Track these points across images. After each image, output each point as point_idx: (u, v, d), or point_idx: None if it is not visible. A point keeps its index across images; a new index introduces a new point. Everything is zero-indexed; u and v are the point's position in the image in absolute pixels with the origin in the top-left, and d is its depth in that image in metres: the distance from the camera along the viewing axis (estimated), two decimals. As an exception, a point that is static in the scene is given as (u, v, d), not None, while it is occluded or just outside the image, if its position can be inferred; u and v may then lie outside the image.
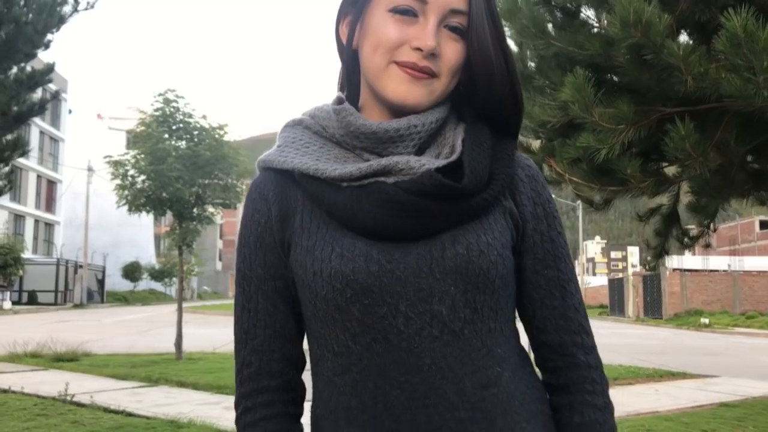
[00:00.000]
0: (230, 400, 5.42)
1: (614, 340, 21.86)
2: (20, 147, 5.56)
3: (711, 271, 41.85)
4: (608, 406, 1.04)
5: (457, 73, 1.00)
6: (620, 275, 49.64)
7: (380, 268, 0.94)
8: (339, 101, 1.04)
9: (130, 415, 6.62)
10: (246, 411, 1.01)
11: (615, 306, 46.90)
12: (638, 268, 54.42)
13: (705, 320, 30.61)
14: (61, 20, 4.98)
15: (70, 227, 55.27)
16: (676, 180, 5.07)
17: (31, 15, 4.76)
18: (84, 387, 8.01)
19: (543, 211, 1.05)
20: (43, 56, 5.98)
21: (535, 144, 5.45)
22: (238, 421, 1.03)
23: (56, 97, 5.53)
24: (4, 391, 7.86)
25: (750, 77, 2.96)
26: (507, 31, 4.37)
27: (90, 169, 45.21)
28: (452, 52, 0.99)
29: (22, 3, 4.73)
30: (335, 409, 0.96)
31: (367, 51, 1.00)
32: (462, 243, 0.95)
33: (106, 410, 6.79)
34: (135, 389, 8.49)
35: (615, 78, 4.17)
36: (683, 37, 4.15)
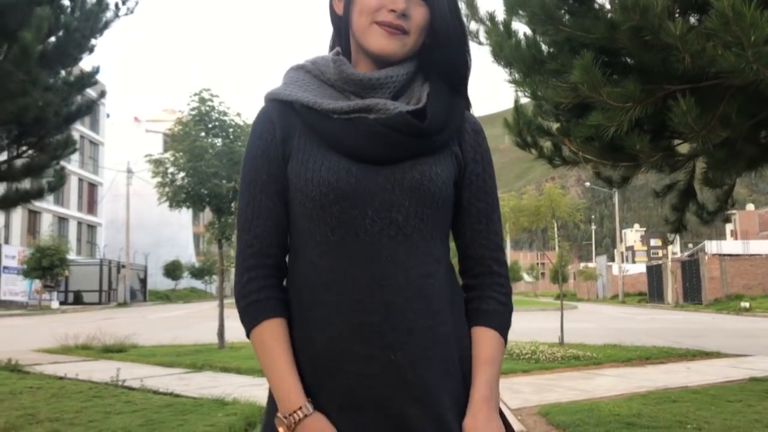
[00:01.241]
0: None
1: (651, 325, 21.82)
2: (70, 145, 5.97)
3: (752, 255, 41.23)
4: (508, 305, 1.38)
5: (423, 32, 1.31)
6: (659, 262, 49.07)
7: (357, 181, 1.26)
8: (337, 53, 1.36)
9: (177, 396, 6.98)
10: (250, 280, 1.31)
11: (654, 293, 46.47)
12: (678, 255, 53.84)
13: (745, 304, 30.26)
14: (105, 26, 5.37)
15: (112, 228, 56.56)
16: (690, 156, 5.27)
17: (78, 21, 5.17)
18: (133, 374, 8.40)
19: (481, 158, 1.39)
20: (85, 60, 6.39)
21: (554, 126, 5.67)
22: (245, 287, 1.32)
23: (102, 96, 5.93)
24: (60, 378, 8.32)
25: (740, 53, 3.18)
26: (520, 18, 4.63)
27: (129, 171, 46.25)
28: (418, 14, 1.30)
29: (70, 10, 5.14)
30: (315, 283, 1.28)
31: (355, 16, 1.31)
32: (418, 170, 1.28)
33: (156, 392, 7.16)
34: (181, 375, 8.91)
35: (622, 59, 4.40)
36: (692, 18, 4.36)
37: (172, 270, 57.55)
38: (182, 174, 11.48)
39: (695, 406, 6.39)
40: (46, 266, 32.10)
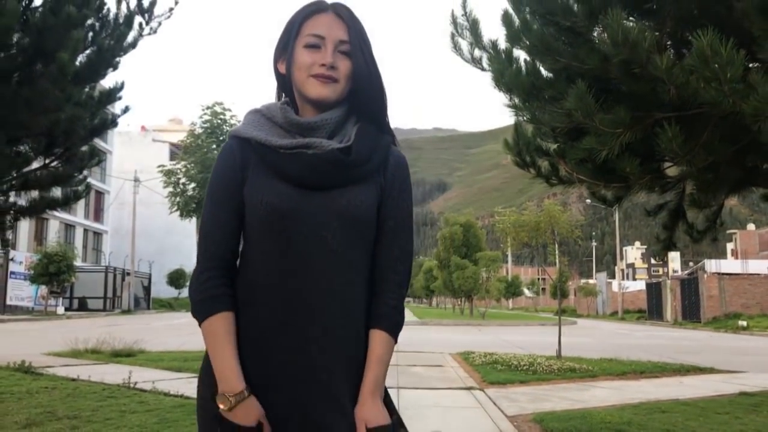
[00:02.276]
0: None
1: (649, 341, 22.02)
2: (95, 156, 6.30)
3: (751, 274, 41.42)
4: (398, 308, 1.66)
5: (349, 79, 1.63)
6: (659, 280, 49.23)
7: (295, 203, 1.56)
8: (285, 103, 1.71)
9: (188, 398, 7.25)
10: (208, 279, 1.60)
11: (653, 310, 46.59)
12: (679, 273, 53.97)
13: (743, 323, 30.46)
14: (132, 45, 5.72)
15: (117, 236, 56.91)
16: (678, 179, 5.59)
17: (108, 41, 5.52)
18: (144, 377, 8.66)
19: (398, 186, 1.69)
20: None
21: (552, 147, 5.99)
22: (202, 284, 1.60)
23: (126, 111, 6.28)
24: (73, 380, 8.59)
25: (718, 87, 3.51)
26: (519, 49, 4.97)
27: (137, 180, 46.65)
28: (344, 65, 1.62)
29: (99, 28, 5.49)
30: (255, 285, 1.60)
31: (295, 73, 1.63)
32: (345, 197, 1.59)
33: (167, 394, 7.43)
34: (190, 379, 9.16)
35: (614, 88, 4.73)
36: (680, 51, 4.69)
37: (176, 278, 57.78)
38: (193, 184, 11.82)
39: (684, 417, 6.67)
40: (53, 272, 32.40)
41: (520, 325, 33.31)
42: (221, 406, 1.52)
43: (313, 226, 1.57)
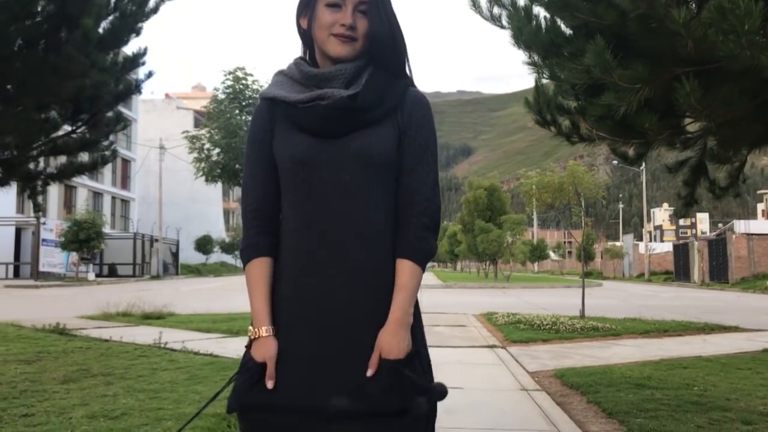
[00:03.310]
0: None
1: (675, 302, 21.96)
2: (120, 121, 6.43)
3: (780, 234, 40.91)
4: (424, 237, 1.73)
5: (367, 37, 1.74)
6: (687, 241, 48.83)
7: (314, 152, 1.70)
8: (300, 59, 1.85)
9: (217, 357, 7.48)
10: (250, 229, 1.78)
11: (680, 271, 46.33)
12: (707, 235, 53.45)
13: (771, 283, 30.20)
14: (154, 10, 5.79)
15: (144, 204, 57.66)
16: (699, 134, 5.57)
17: (131, 6, 5.59)
18: (174, 338, 8.90)
19: (415, 123, 1.77)
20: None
21: (573, 105, 5.99)
22: (246, 235, 1.78)
23: (150, 77, 6.38)
24: (106, 341, 8.87)
25: (736, 40, 3.51)
26: (538, 6, 4.96)
27: (162, 147, 47.06)
28: (362, 24, 1.73)
29: (124, -3, 5.56)
30: (286, 231, 1.75)
31: (317, 31, 1.75)
32: (359, 140, 1.69)
33: (196, 353, 7.66)
34: (218, 339, 9.43)
35: (632, 43, 4.72)
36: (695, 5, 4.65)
37: (203, 244, 58.58)
38: (217, 150, 11.96)
39: (704, 372, 6.73)
40: (82, 239, 33.02)
41: (544, 288, 33.35)
42: (249, 336, 1.72)
43: (331, 171, 1.68)
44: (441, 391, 1.67)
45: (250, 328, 1.72)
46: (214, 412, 4.60)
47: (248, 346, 1.71)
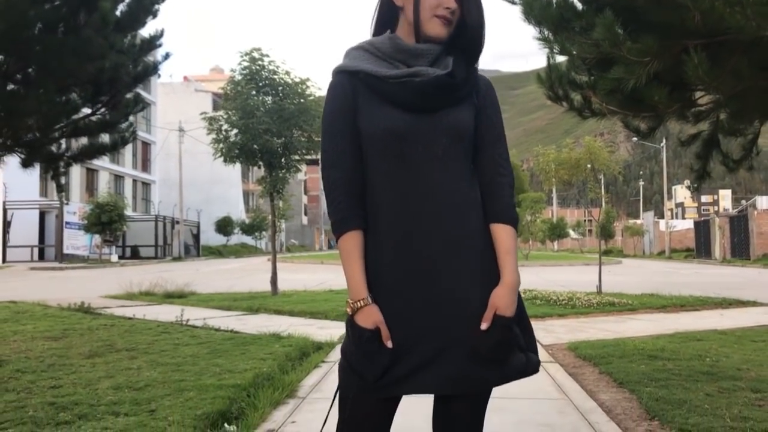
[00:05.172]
0: (322, 323, 6.77)
1: (695, 278, 21.88)
2: (139, 103, 6.55)
3: (803, 210, 40.41)
4: (512, 203, 1.88)
5: (457, 23, 1.83)
6: (708, 218, 48.40)
7: (409, 125, 1.78)
8: (392, 33, 1.89)
9: (237, 332, 7.63)
10: (341, 202, 1.80)
11: (701, 248, 46.01)
12: (729, 211, 52.92)
13: (793, 259, 29.91)
14: (170, -7, 5.90)
15: (164, 186, 58.18)
16: (711, 108, 5.59)
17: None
18: (195, 315, 9.08)
19: (489, 104, 1.92)
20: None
21: (584, 79, 6.02)
22: (337, 207, 1.80)
23: (167, 58, 6.49)
24: (129, 318, 9.07)
25: (741, 11, 3.54)
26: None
27: (181, 130, 47.37)
28: (457, 11, 1.82)
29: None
30: (380, 202, 1.81)
31: (422, 10, 1.80)
32: (451, 116, 1.81)
33: (217, 330, 7.81)
34: (239, 316, 9.62)
35: (641, 17, 4.74)
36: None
37: (224, 226, 59.04)
38: (235, 131, 12.05)
39: (718, 344, 6.78)
40: (105, 222, 33.41)
41: (563, 265, 33.31)
42: (348, 311, 1.77)
43: (425, 144, 1.78)
44: (536, 362, 1.86)
45: (349, 300, 1.77)
46: (234, 383, 4.76)
47: (351, 319, 1.76)
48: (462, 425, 1.84)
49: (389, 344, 1.71)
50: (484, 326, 1.73)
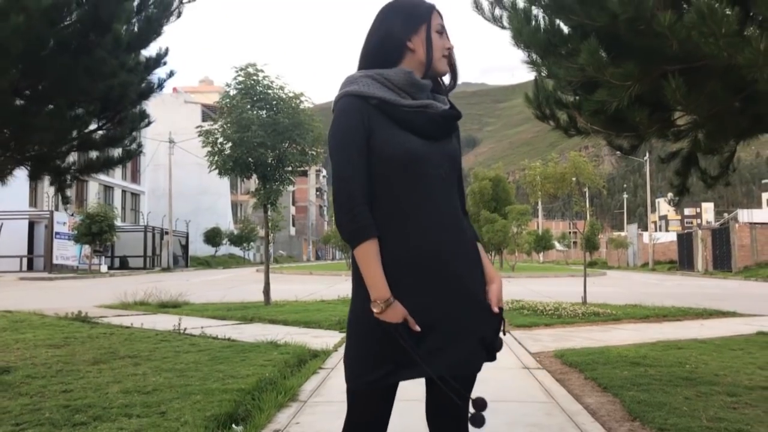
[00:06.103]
0: (316, 332, 7.13)
1: (677, 290, 22.25)
2: (144, 118, 6.80)
3: (784, 223, 41.05)
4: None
5: None
6: (691, 230, 49.01)
7: (426, 150, 2.05)
8: (407, 69, 2.13)
9: (235, 341, 7.83)
10: (359, 212, 1.97)
11: (684, 260, 46.55)
12: (712, 224, 53.60)
13: (775, 271, 30.42)
14: (178, 15, 6.16)
15: (153, 197, 58.05)
16: (689, 128, 5.91)
17: (156, 11, 5.96)
18: (192, 324, 9.24)
19: (458, 138, 2.24)
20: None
21: (570, 100, 6.34)
22: (355, 217, 1.96)
23: (171, 76, 6.73)
24: (127, 327, 9.24)
25: (714, 42, 3.87)
26: (537, 8, 5.31)
27: (171, 141, 47.45)
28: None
29: (150, 2, 5.93)
30: (396, 213, 2.05)
31: (433, 51, 2.12)
32: (449, 144, 2.15)
33: (215, 338, 8.02)
34: (235, 325, 9.80)
35: (623, 43, 5.07)
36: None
37: (212, 237, 59.05)
38: (230, 144, 12.30)
39: (698, 352, 7.08)
40: (95, 232, 33.38)
41: (549, 277, 33.67)
42: (375, 310, 1.93)
43: (435, 166, 2.05)
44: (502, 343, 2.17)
45: (376, 300, 1.93)
46: (239, 387, 5.00)
47: (378, 318, 1.93)
48: (453, 406, 2.07)
49: (417, 328, 1.95)
50: (495, 311, 2.07)
